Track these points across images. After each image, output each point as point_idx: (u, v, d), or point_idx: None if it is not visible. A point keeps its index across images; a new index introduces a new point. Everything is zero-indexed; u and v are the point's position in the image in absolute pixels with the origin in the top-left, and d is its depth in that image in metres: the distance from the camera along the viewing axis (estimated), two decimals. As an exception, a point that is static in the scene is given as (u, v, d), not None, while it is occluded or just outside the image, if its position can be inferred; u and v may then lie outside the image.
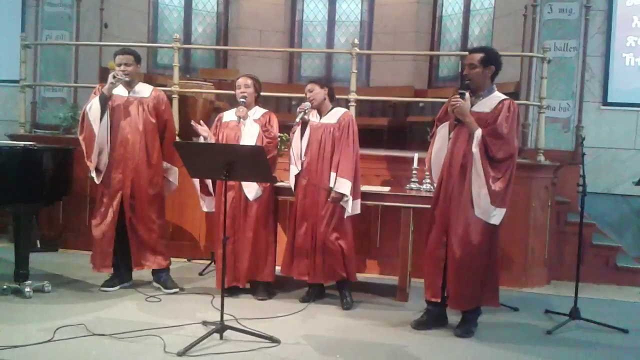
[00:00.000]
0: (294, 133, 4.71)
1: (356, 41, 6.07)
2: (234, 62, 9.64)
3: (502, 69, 7.86)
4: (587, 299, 4.96)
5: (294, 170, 4.66)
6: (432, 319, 4.21)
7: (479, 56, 4.02)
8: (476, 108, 3.99)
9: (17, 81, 6.68)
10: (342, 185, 4.49)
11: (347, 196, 4.52)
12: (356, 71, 5.96)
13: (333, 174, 4.52)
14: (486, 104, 4.01)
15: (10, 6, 7.70)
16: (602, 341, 4.14)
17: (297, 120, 4.58)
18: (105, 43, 7.82)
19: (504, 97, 4.06)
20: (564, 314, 4.48)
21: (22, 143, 4.86)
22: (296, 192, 4.69)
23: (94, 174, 4.67)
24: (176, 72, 6.13)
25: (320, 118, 4.68)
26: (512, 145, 3.93)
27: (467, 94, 3.98)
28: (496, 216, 3.92)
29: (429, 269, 4.13)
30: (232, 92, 7.37)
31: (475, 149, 3.86)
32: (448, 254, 4.01)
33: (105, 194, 4.69)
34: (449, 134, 4.07)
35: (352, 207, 4.56)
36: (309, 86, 4.70)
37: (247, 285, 4.76)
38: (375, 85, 9.29)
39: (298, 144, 4.64)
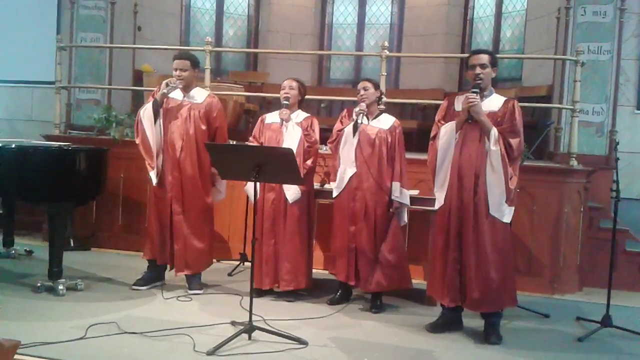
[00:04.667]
0: (339, 131, 4.64)
1: (386, 44, 6.06)
2: (264, 64, 9.70)
3: (535, 72, 7.85)
4: (620, 307, 4.87)
5: (349, 170, 4.57)
6: (447, 323, 4.21)
7: (487, 57, 4.09)
8: (484, 107, 4.00)
9: (52, 83, 6.83)
10: (406, 196, 4.57)
11: (408, 206, 4.61)
12: (385, 74, 5.95)
13: (397, 184, 4.52)
14: (492, 103, 4.06)
15: (46, 9, 7.87)
16: (634, 349, 4.06)
17: (359, 122, 4.50)
18: (138, 46, 7.95)
19: (505, 97, 4.15)
20: (596, 322, 4.40)
21: (57, 143, 4.97)
22: (343, 193, 4.61)
23: (152, 176, 4.71)
24: (207, 75, 6.20)
25: (369, 121, 4.63)
26: (523, 143, 4.05)
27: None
28: (508, 214, 3.99)
29: (444, 274, 4.08)
30: (262, 94, 7.48)
31: (494, 147, 3.88)
32: (465, 256, 4.00)
33: (158, 196, 4.76)
34: (456, 133, 4.05)
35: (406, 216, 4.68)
36: (363, 84, 4.62)
37: (291, 288, 4.70)
38: (405, 88, 9.25)
39: (351, 145, 4.54)
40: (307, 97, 7.53)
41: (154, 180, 4.72)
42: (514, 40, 8.62)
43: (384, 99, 5.76)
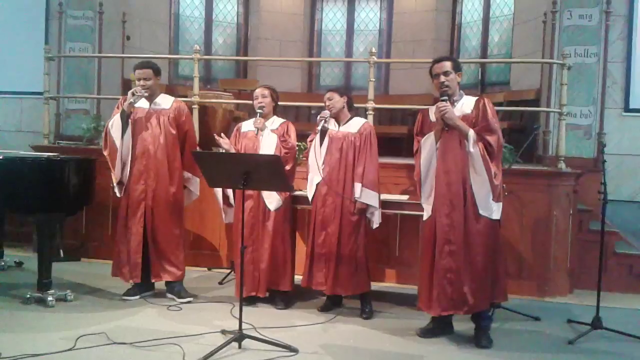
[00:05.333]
0: (311, 141, 4.72)
1: (374, 50, 6.07)
2: (253, 72, 9.71)
3: (523, 76, 7.89)
4: (610, 308, 4.88)
5: (316, 178, 4.64)
6: (438, 327, 4.21)
7: (449, 63, 4.09)
8: (457, 112, 4.03)
9: (40, 93, 6.81)
10: (369, 197, 4.53)
11: (375, 207, 4.57)
12: (374, 79, 5.96)
13: (358, 185, 4.52)
14: (464, 107, 4.08)
15: (34, 19, 7.87)
16: (624, 351, 4.07)
17: (318, 128, 4.58)
18: (127, 55, 7.93)
19: (475, 97, 4.16)
20: (586, 324, 4.41)
21: (45, 154, 4.95)
22: (314, 200, 4.69)
23: (116, 188, 4.75)
24: (196, 83, 6.20)
25: (339, 127, 4.69)
26: (501, 138, 4.05)
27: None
28: (496, 211, 4.01)
29: (431, 283, 4.08)
30: (252, 102, 7.48)
31: (473, 148, 3.90)
32: (456, 260, 4.00)
33: (130, 206, 4.75)
34: (436, 143, 4.08)
35: (378, 218, 4.62)
36: (328, 94, 4.72)
37: (267, 295, 4.76)
38: (395, 93, 9.28)
39: (318, 152, 4.63)
40: (297, 104, 7.60)
41: (120, 193, 4.77)
42: (501, 45, 8.67)
43: (373, 104, 5.81)
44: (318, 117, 4.63)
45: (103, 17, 7.55)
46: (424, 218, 4.21)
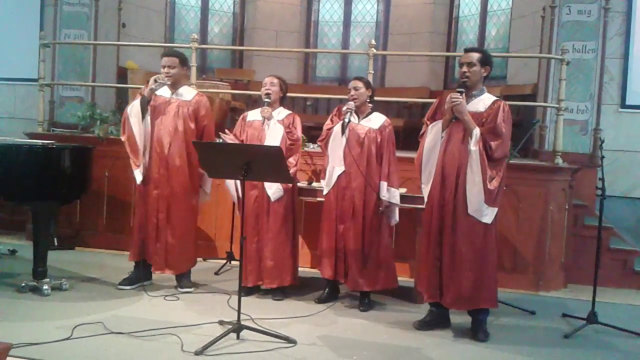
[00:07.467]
0: (329, 129, 4.64)
1: (373, 42, 6.06)
2: (249, 62, 9.65)
3: (520, 70, 7.87)
4: (605, 303, 4.92)
5: (337, 169, 4.56)
6: (435, 320, 4.23)
7: (477, 55, 4.04)
8: (470, 107, 4.00)
9: (35, 80, 6.76)
10: (394, 196, 4.54)
11: (397, 205, 4.58)
12: (372, 72, 5.95)
13: (384, 184, 4.51)
14: (479, 104, 4.04)
15: (29, 5, 7.77)
16: (620, 346, 4.11)
17: (346, 120, 4.48)
18: (122, 43, 7.89)
19: (495, 97, 4.11)
20: (582, 318, 4.44)
21: (40, 142, 4.91)
22: (332, 192, 4.60)
23: (137, 174, 4.66)
24: (193, 72, 6.16)
25: (360, 119, 4.61)
26: (507, 145, 4.01)
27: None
28: (488, 215, 3.96)
29: (426, 269, 4.15)
30: (248, 92, 7.45)
31: (474, 147, 3.88)
32: (443, 253, 4.02)
33: (146, 195, 4.70)
34: (442, 132, 4.06)
35: (397, 215, 4.66)
36: (354, 83, 4.61)
37: (274, 287, 4.70)
38: (391, 86, 9.26)
39: (340, 143, 4.53)
40: (293, 95, 7.55)
41: (139, 179, 4.68)
42: (499, 39, 8.66)
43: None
44: (344, 109, 4.54)
45: (99, 5, 7.47)
46: (424, 201, 4.21)
